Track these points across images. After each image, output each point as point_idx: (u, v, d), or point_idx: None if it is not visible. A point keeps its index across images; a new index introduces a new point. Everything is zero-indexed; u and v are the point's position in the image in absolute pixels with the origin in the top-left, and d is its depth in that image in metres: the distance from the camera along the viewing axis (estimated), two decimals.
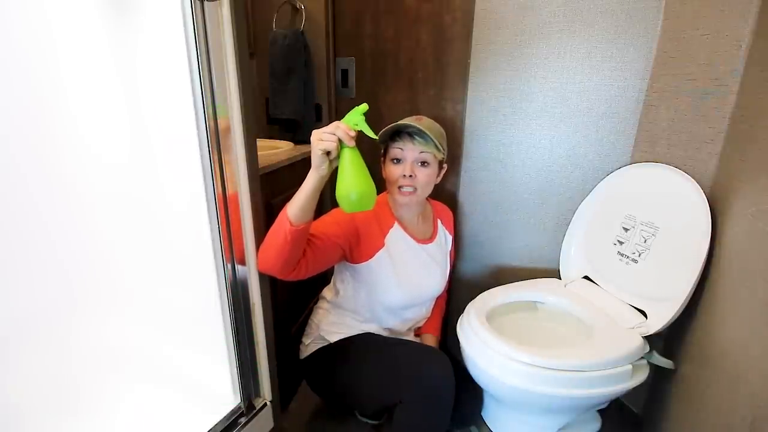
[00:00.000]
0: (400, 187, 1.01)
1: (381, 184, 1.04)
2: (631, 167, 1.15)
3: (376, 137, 0.77)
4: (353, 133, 0.73)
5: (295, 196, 0.79)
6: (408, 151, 0.99)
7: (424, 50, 1.37)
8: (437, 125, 1.05)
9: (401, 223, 1.07)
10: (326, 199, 1.58)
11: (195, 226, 0.77)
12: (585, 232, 1.22)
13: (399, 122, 0.99)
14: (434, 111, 1.40)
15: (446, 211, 1.25)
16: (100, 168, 0.72)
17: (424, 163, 1.00)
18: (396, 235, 1.05)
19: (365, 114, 0.74)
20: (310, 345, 1.12)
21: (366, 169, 0.76)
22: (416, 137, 0.98)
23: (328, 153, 0.74)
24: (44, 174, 0.64)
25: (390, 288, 1.04)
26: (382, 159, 1.06)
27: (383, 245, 1.02)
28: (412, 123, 0.97)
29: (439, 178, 1.07)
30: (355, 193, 0.74)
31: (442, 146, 1.00)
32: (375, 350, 1.03)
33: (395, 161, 1.01)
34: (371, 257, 1.01)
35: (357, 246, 0.99)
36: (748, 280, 0.78)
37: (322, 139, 0.73)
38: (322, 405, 1.29)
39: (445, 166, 1.09)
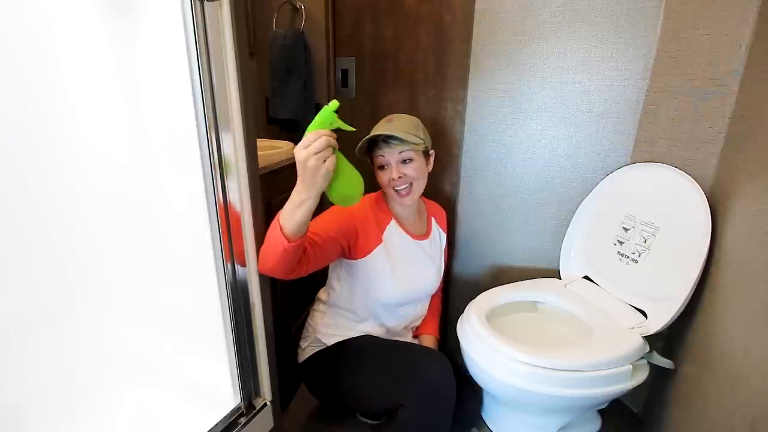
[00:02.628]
0: (395, 189, 1.02)
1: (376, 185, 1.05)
2: (631, 167, 1.15)
3: (353, 129, 0.74)
4: (335, 136, 0.70)
5: (290, 211, 0.75)
6: (389, 155, 1.01)
7: (425, 50, 1.37)
8: (409, 119, 1.05)
9: (398, 220, 1.08)
10: (324, 201, 1.58)
11: (195, 226, 0.77)
12: (585, 232, 1.22)
13: (370, 134, 1.00)
14: (434, 111, 1.40)
15: (440, 211, 1.25)
16: (101, 168, 0.72)
17: (407, 161, 1.02)
18: (393, 231, 1.06)
19: (336, 111, 0.71)
20: (307, 349, 1.12)
21: (351, 164, 0.77)
22: (391, 141, 0.99)
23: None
24: (45, 174, 0.64)
25: (386, 284, 1.04)
26: (372, 166, 1.07)
27: (381, 241, 1.03)
28: (382, 131, 0.98)
29: (431, 166, 1.09)
30: (356, 193, 0.79)
31: (419, 137, 1.01)
32: (373, 353, 1.03)
33: (381, 168, 1.03)
34: (368, 254, 1.02)
35: (356, 243, 1.00)
36: (748, 280, 0.78)
37: (322, 158, 0.69)
38: (321, 405, 1.29)
39: (432, 152, 1.09)
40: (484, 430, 1.15)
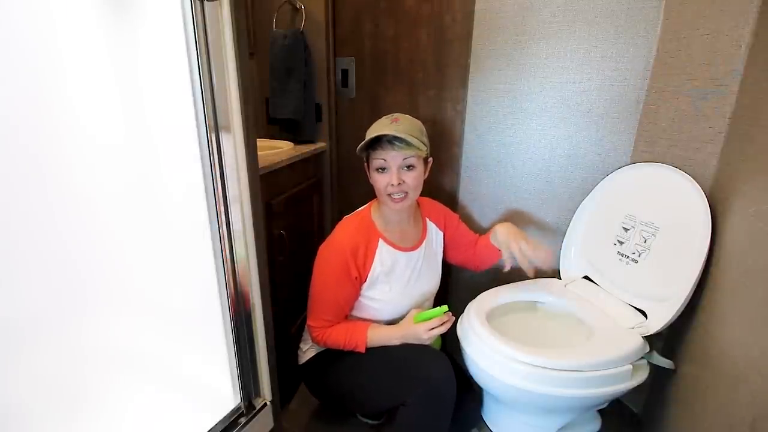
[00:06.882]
0: (390, 195, 0.99)
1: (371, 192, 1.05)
2: (631, 167, 1.14)
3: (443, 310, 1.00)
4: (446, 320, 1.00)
5: (379, 341, 1.01)
6: (391, 159, 0.96)
7: (424, 50, 1.37)
8: (415, 122, 1.01)
9: (387, 235, 1.06)
10: (326, 209, 1.58)
11: (195, 227, 0.77)
12: (585, 232, 1.22)
13: (375, 133, 0.95)
14: (434, 111, 1.40)
15: (432, 206, 1.19)
16: (103, 168, 0.72)
17: (410, 167, 0.98)
18: (384, 252, 1.05)
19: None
20: (308, 351, 1.12)
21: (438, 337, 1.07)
22: (396, 143, 0.94)
23: None
24: (48, 173, 0.64)
25: (387, 303, 1.06)
26: (366, 166, 1.03)
27: (373, 267, 1.04)
28: (389, 131, 0.93)
29: (427, 174, 1.05)
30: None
31: (423, 143, 0.98)
32: (374, 353, 1.03)
33: (380, 170, 0.98)
34: (365, 281, 1.04)
35: (357, 273, 1.02)
36: (748, 280, 0.78)
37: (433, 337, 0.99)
38: (322, 405, 1.29)
39: (430, 160, 1.06)
40: (484, 430, 1.15)
